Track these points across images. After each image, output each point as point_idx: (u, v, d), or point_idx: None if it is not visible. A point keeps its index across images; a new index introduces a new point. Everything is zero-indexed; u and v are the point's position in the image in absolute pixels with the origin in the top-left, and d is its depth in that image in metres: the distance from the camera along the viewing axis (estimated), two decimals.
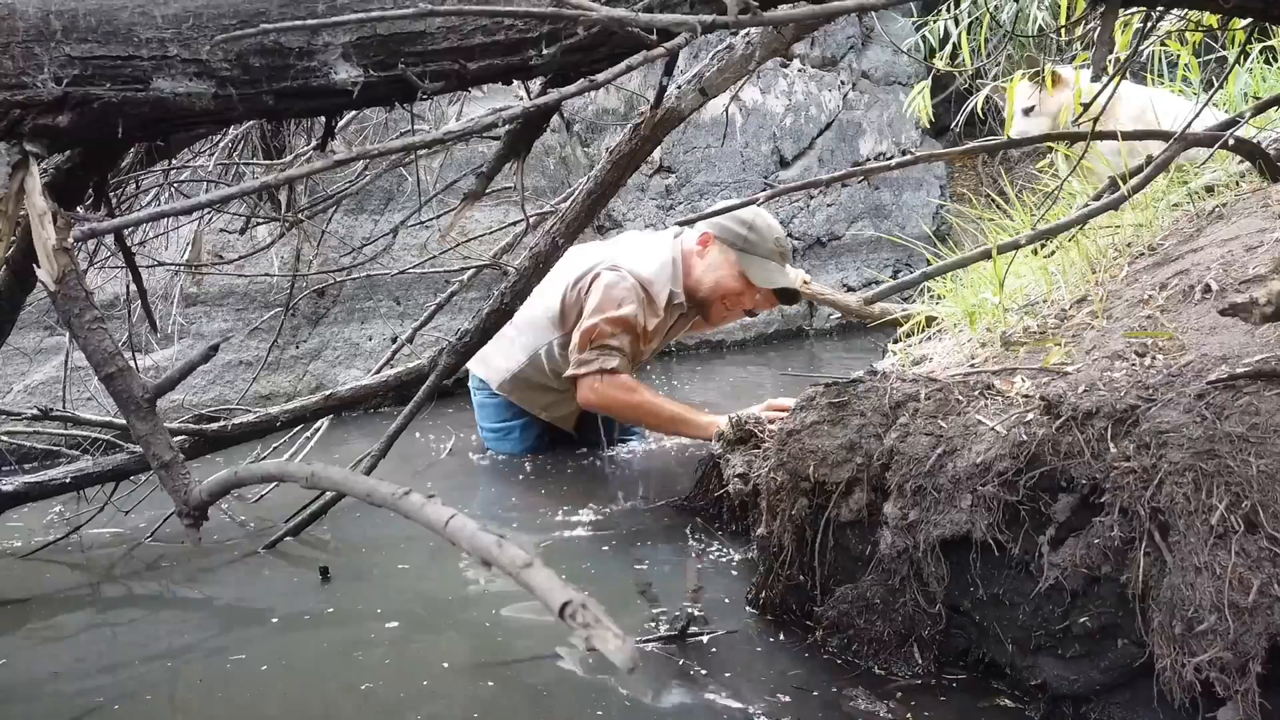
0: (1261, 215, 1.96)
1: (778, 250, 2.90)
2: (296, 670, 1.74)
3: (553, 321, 2.96)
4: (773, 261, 2.89)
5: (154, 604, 2.08)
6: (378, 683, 1.63)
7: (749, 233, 2.86)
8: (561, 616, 0.65)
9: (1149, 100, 3.13)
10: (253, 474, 1.26)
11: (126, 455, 2.21)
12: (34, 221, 1.34)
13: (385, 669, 1.69)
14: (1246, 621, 1.20)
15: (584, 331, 2.84)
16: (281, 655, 1.78)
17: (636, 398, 2.83)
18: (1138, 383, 1.48)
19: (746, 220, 2.86)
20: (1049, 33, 4.16)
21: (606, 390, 2.83)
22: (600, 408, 2.89)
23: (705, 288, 2.94)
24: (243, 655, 1.77)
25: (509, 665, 1.71)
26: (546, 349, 2.97)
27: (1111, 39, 1.81)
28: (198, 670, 1.73)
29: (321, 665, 1.74)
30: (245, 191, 1.44)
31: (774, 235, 2.89)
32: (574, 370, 2.87)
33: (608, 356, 2.83)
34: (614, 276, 2.87)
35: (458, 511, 0.87)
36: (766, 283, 2.89)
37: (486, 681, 1.65)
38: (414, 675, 1.66)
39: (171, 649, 1.83)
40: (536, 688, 1.61)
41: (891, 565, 1.61)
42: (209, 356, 1.40)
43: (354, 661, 1.73)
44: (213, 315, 3.86)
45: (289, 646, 1.83)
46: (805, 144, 6.04)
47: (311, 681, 1.69)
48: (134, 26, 1.34)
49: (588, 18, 1.16)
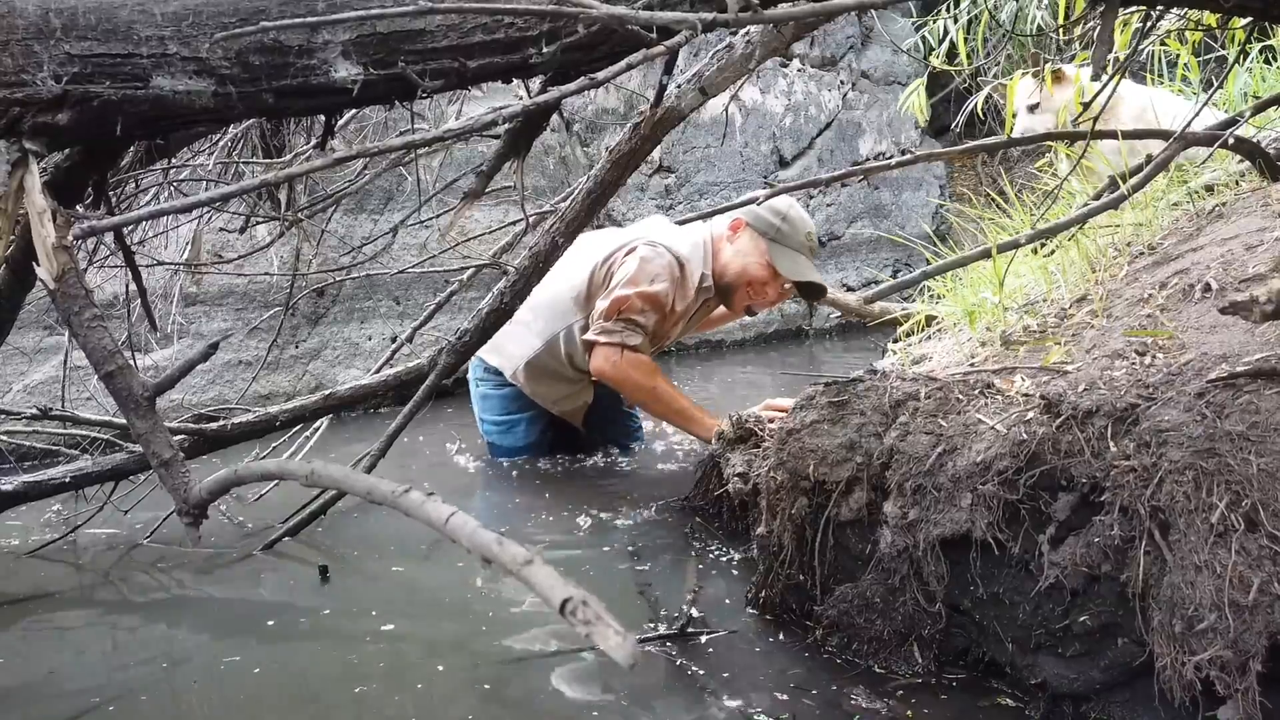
0: (1261, 214, 1.97)
1: (808, 244, 2.85)
2: (293, 671, 1.73)
3: (577, 302, 2.88)
4: (802, 255, 2.85)
5: (151, 604, 2.08)
6: (374, 684, 1.63)
7: (782, 223, 2.82)
8: (562, 613, 0.65)
9: (1149, 100, 3.13)
10: (252, 472, 1.26)
11: (125, 455, 2.21)
12: (33, 219, 1.34)
13: (382, 670, 1.69)
14: (1247, 620, 1.20)
15: (615, 300, 2.76)
16: (278, 656, 1.78)
17: (651, 381, 2.79)
18: (1138, 381, 1.48)
19: (780, 210, 2.82)
20: (1048, 32, 4.16)
21: (624, 366, 2.77)
22: (612, 381, 2.83)
23: (732, 273, 2.88)
24: (239, 656, 1.76)
25: (506, 665, 1.70)
26: (566, 332, 2.89)
27: (1111, 38, 1.81)
28: (195, 671, 1.72)
29: (318, 666, 1.74)
30: (245, 190, 1.44)
31: (805, 229, 2.85)
32: (594, 335, 2.79)
33: (632, 332, 2.76)
34: (651, 251, 2.80)
35: (457, 509, 0.87)
36: (794, 274, 2.85)
37: (484, 683, 1.64)
38: (411, 676, 1.66)
39: (168, 649, 1.83)
40: (533, 688, 1.61)
41: (891, 564, 1.60)
42: (208, 355, 1.40)
43: (350, 662, 1.73)
44: (212, 315, 3.86)
45: (286, 647, 1.82)
46: (805, 144, 6.04)
47: (308, 682, 1.69)
48: (133, 24, 1.34)
49: (588, 16, 1.16)
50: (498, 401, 3.09)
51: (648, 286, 2.76)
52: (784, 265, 2.83)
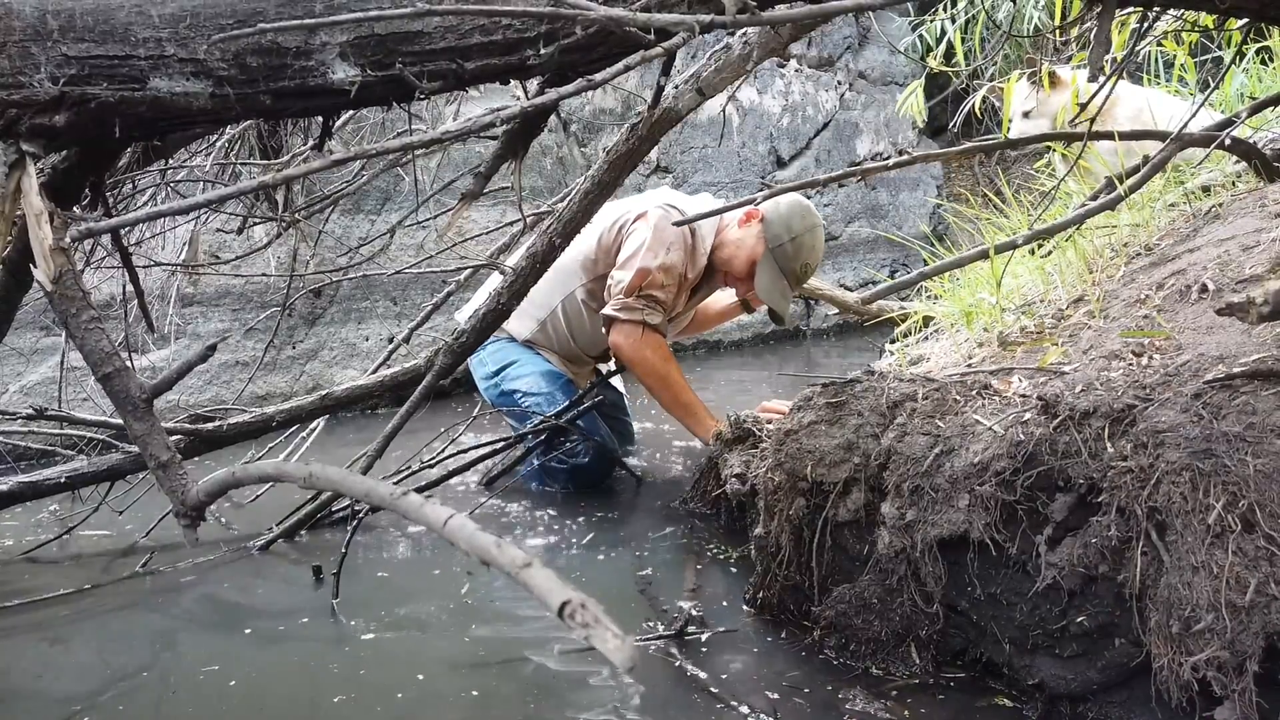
0: (1258, 215, 1.97)
1: (798, 272, 2.75)
2: (289, 671, 1.73)
3: (585, 266, 2.78)
4: (785, 281, 2.74)
5: (147, 605, 2.07)
6: (370, 685, 1.63)
7: (789, 240, 2.70)
8: (561, 616, 0.65)
9: (1146, 101, 3.14)
10: (250, 474, 1.26)
11: (121, 455, 2.21)
12: (31, 221, 1.34)
13: (378, 670, 1.68)
14: (1243, 620, 1.20)
15: (638, 273, 2.64)
16: (274, 656, 1.78)
17: (666, 367, 2.68)
18: (1135, 382, 1.48)
19: (795, 229, 2.70)
20: (1045, 32, 4.16)
21: (643, 346, 2.66)
22: (628, 360, 2.73)
23: (721, 256, 2.79)
24: (235, 657, 1.76)
25: (501, 666, 1.70)
26: (568, 299, 2.80)
27: (1108, 39, 1.81)
28: (188, 672, 1.72)
29: (313, 666, 1.73)
30: (243, 191, 1.44)
31: (805, 259, 2.74)
32: (614, 310, 2.68)
33: (652, 310, 2.66)
34: (664, 217, 2.68)
35: (455, 512, 0.87)
36: (764, 293, 2.74)
37: (479, 684, 1.64)
38: (408, 676, 1.66)
39: (161, 651, 1.83)
40: (529, 689, 1.61)
41: (889, 565, 1.61)
42: (207, 356, 1.40)
43: (345, 663, 1.72)
44: (209, 316, 3.86)
45: (281, 647, 1.82)
46: (802, 144, 6.04)
47: (304, 682, 1.68)
48: (131, 26, 1.34)
49: (586, 17, 1.16)
50: (496, 350, 2.91)
51: (665, 257, 2.65)
52: (762, 279, 2.73)
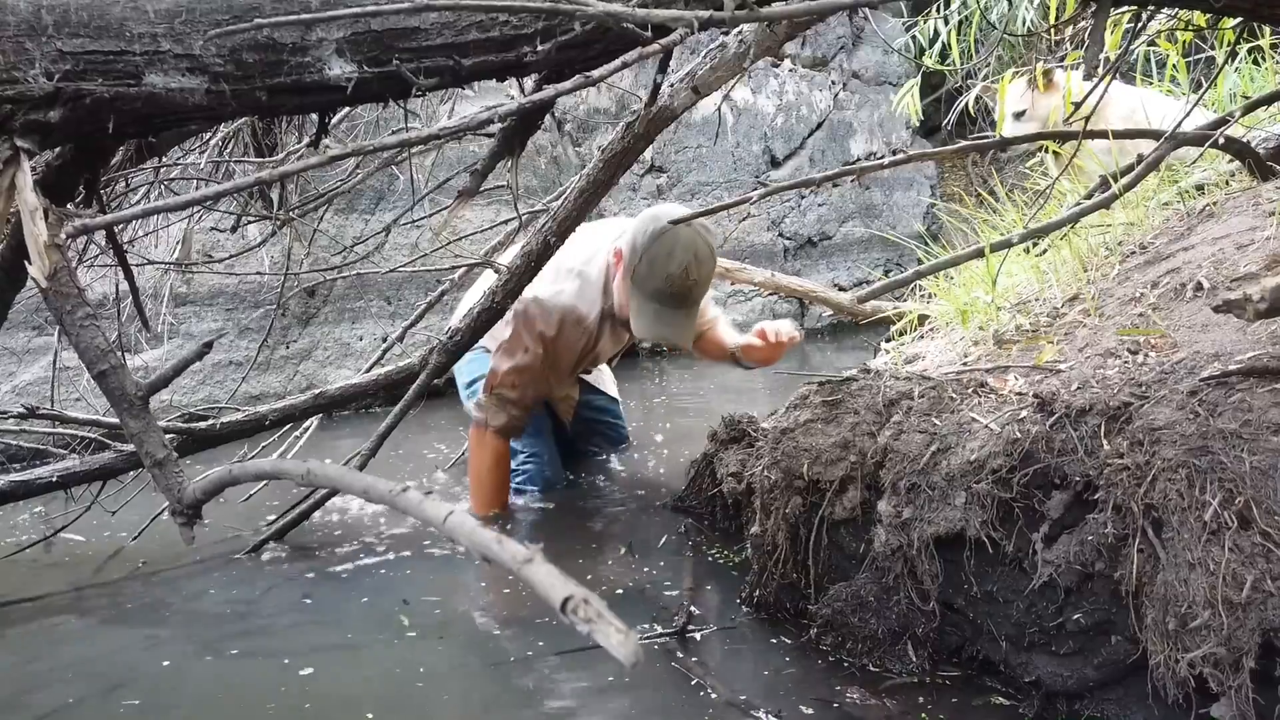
0: (1252, 213, 1.97)
1: (667, 290, 2.37)
2: (285, 671, 1.72)
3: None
4: (654, 304, 2.40)
5: (142, 606, 2.06)
6: (367, 685, 1.62)
7: (640, 264, 2.38)
8: (563, 611, 0.65)
9: (1139, 101, 3.14)
10: (247, 472, 1.25)
11: (113, 454, 2.19)
12: (25, 218, 1.33)
13: (376, 671, 1.68)
14: (1240, 617, 1.20)
15: (490, 372, 2.57)
16: (269, 656, 1.77)
17: (484, 469, 2.57)
18: (1130, 380, 1.49)
19: (640, 246, 2.38)
20: (1038, 33, 4.17)
21: (479, 447, 2.58)
22: (469, 453, 2.66)
23: (617, 305, 2.54)
24: (230, 657, 1.75)
25: (500, 667, 1.70)
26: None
27: (1102, 38, 1.81)
28: (180, 673, 1.71)
29: (309, 667, 1.72)
30: (238, 188, 1.43)
31: (665, 272, 2.35)
32: (472, 409, 2.64)
33: (498, 411, 2.54)
34: (529, 313, 2.49)
35: (455, 508, 0.87)
36: (639, 331, 2.47)
37: (479, 684, 1.64)
38: (406, 676, 1.65)
39: (153, 652, 1.81)
40: (528, 689, 1.61)
41: (885, 563, 1.61)
42: (202, 354, 1.39)
43: (342, 664, 1.72)
44: (202, 315, 3.84)
45: (276, 648, 1.81)
46: (796, 144, 6.05)
47: (299, 682, 1.67)
48: (126, 21, 1.33)
49: (583, 14, 1.15)
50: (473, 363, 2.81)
51: (519, 359, 2.51)
52: (634, 318, 2.44)
